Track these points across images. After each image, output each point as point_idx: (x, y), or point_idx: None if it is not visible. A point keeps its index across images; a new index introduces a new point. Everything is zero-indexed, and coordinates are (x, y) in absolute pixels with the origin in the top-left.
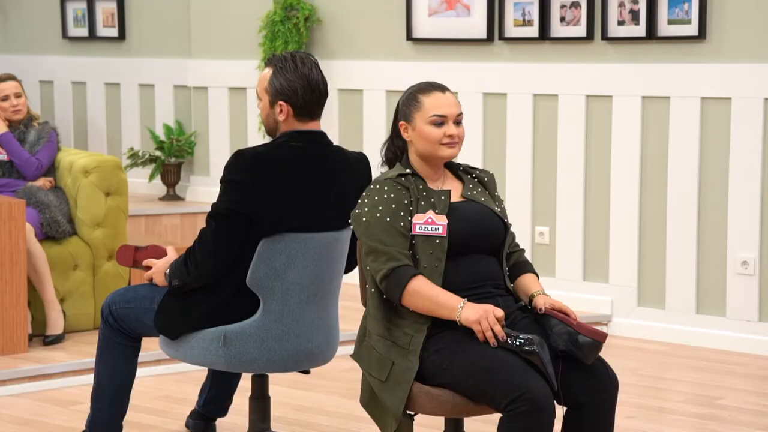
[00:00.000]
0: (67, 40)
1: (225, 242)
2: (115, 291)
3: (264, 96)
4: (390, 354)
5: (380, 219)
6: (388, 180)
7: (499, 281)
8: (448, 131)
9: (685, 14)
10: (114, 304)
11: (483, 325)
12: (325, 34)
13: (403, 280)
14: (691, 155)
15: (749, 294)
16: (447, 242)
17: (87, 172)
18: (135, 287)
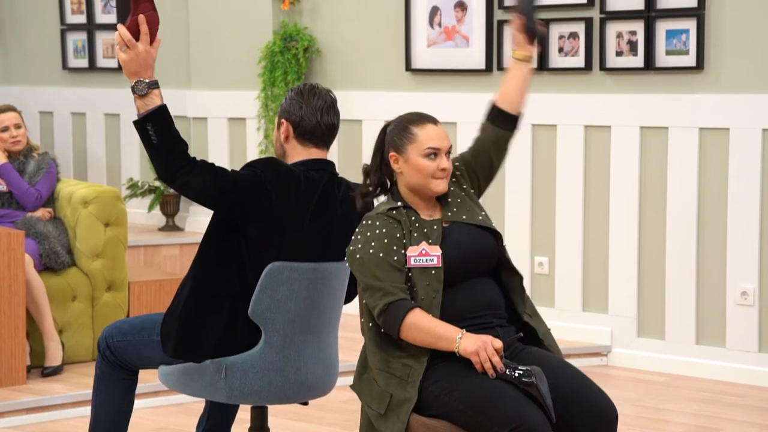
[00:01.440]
0: (67, 71)
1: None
2: (112, 324)
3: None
4: (389, 386)
5: (373, 255)
6: (380, 215)
7: (500, 309)
8: (441, 164)
9: (683, 45)
10: (111, 338)
11: (481, 356)
12: (324, 64)
13: (400, 314)
14: (690, 185)
15: (749, 325)
16: (443, 272)
17: (86, 202)
18: (131, 319)
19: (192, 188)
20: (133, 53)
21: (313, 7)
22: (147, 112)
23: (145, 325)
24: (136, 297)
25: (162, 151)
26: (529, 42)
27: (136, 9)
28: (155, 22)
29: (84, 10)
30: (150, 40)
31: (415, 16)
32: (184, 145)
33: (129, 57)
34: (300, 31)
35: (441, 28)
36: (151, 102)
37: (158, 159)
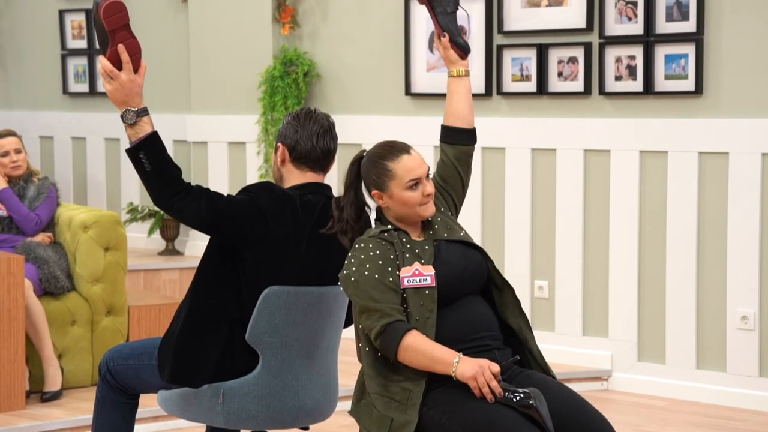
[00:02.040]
0: (68, 95)
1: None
2: (112, 348)
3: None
4: (388, 411)
5: (368, 276)
6: (372, 238)
7: (495, 330)
8: (425, 191)
9: (681, 70)
10: (111, 361)
11: (479, 381)
12: (324, 89)
13: (398, 335)
14: (690, 209)
15: (749, 349)
16: (436, 292)
17: (86, 227)
18: (132, 343)
19: (187, 214)
20: (117, 83)
21: (313, 32)
22: (138, 140)
23: (146, 349)
24: (136, 321)
25: (156, 178)
26: (462, 57)
27: (114, 39)
28: (136, 49)
29: (84, 35)
30: (134, 67)
31: (414, 40)
32: (178, 170)
33: (114, 87)
34: (300, 55)
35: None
36: (142, 130)
37: (152, 186)
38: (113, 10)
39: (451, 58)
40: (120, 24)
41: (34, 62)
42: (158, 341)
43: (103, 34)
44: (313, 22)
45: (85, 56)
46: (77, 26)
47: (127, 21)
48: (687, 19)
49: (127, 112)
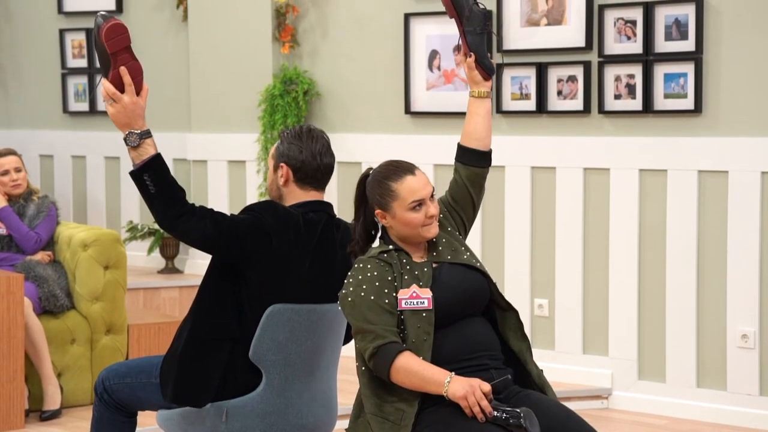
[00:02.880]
0: (68, 114)
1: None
2: (109, 366)
3: (270, 162)
4: (382, 430)
5: (365, 298)
6: (371, 258)
7: (494, 350)
8: (429, 212)
9: (681, 89)
10: (108, 380)
11: (470, 400)
12: (324, 107)
13: (390, 357)
14: (689, 228)
15: (750, 368)
16: (433, 314)
17: (86, 245)
18: (129, 362)
19: (192, 235)
20: (119, 106)
21: (313, 51)
22: (142, 162)
23: (143, 368)
24: (135, 340)
25: (160, 200)
26: (486, 78)
27: (116, 62)
28: (138, 71)
29: (85, 54)
30: (136, 89)
31: (414, 59)
32: (182, 191)
33: (116, 110)
34: (300, 74)
35: (440, 71)
36: (145, 152)
37: (157, 208)
38: (114, 32)
39: (475, 78)
40: (121, 46)
41: (35, 81)
42: (156, 359)
43: (104, 57)
44: (312, 41)
45: (86, 75)
46: (77, 45)
47: (129, 43)
48: (686, 39)
49: (131, 134)
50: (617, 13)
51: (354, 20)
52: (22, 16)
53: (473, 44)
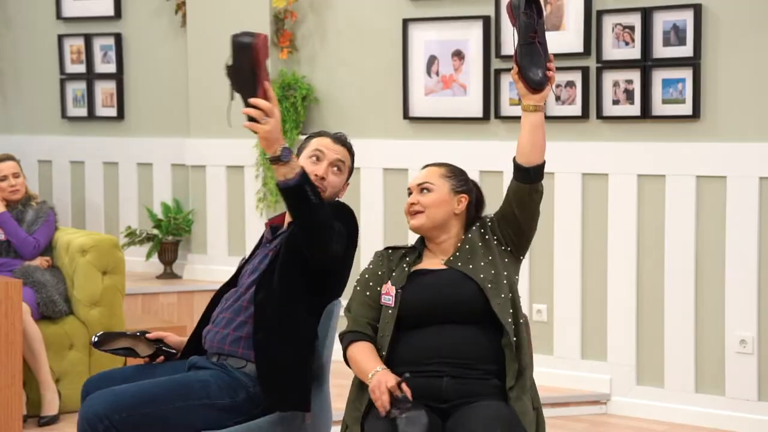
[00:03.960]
0: (66, 119)
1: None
2: (98, 398)
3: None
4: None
5: (356, 288)
6: (380, 251)
7: (460, 358)
8: (409, 201)
9: (679, 94)
10: (114, 414)
11: (375, 394)
12: (322, 113)
13: (345, 344)
14: (688, 233)
15: (748, 373)
16: (396, 313)
17: (84, 251)
18: (126, 389)
19: (335, 251)
20: (273, 121)
21: (311, 56)
22: (298, 175)
23: (171, 391)
24: None
25: (321, 210)
26: (531, 91)
27: (260, 77)
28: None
29: (83, 59)
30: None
31: (412, 64)
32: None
33: (271, 126)
34: (298, 79)
35: (438, 76)
36: (296, 165)
37: (321, 217)
38: (265, 44)
39: (522, 90)
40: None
41: (33, 87)
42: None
43: (246, 74)
44: (311, 47)
45: (84, 81)
46: (76, 51)
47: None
48: (684, 44)
49: (285, 150)
50: (615, 19)
51: (352, 26)
52: (21, 22)
53: (519, 56)
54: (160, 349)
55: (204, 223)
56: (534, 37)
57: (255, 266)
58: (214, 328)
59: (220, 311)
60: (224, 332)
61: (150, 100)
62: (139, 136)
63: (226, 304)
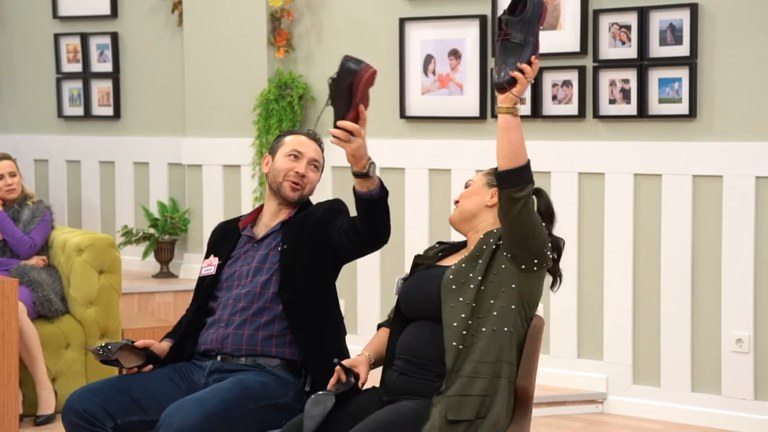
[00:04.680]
0: (63, 119)
1: None
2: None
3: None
4: None
5: None
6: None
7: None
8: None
9: (675, 93)
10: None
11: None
12: (318, 112)
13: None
14: (684, 232)
15: (744, 372)
16: (396, 305)
17: (80, 250)
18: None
19: None
20: (360, 140)
21: (308, 56)
22: (379, 187)
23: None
24: None
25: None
26: (499, 92)
27: (357, 100)
28: (367, 104)
29: (80, 59)
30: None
31: (409, 64)
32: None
33: (357, 145)
34: (295, 78)
35: (435, 75)
36: (376, 177)
37: (388, 223)
38: (371, 78)
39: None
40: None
41: (29, 86)
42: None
43: (345, 95)
44: (308, 46)
45: (80, 80)
46: (72, 50)
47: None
48: (680, 44)
49: (372, 165)
50: (612, 18)
51: (349, 25)
52: (17, 21)
53: (495, 53)
54: (150, 357)
55: (200, 223)
56: (502, 34)
57: (255, 266)
58: (233, 331)
59: (229, 314)
60: (249, 333)
61: (146, 99)
62: (136, 135)
63: (236, 307)
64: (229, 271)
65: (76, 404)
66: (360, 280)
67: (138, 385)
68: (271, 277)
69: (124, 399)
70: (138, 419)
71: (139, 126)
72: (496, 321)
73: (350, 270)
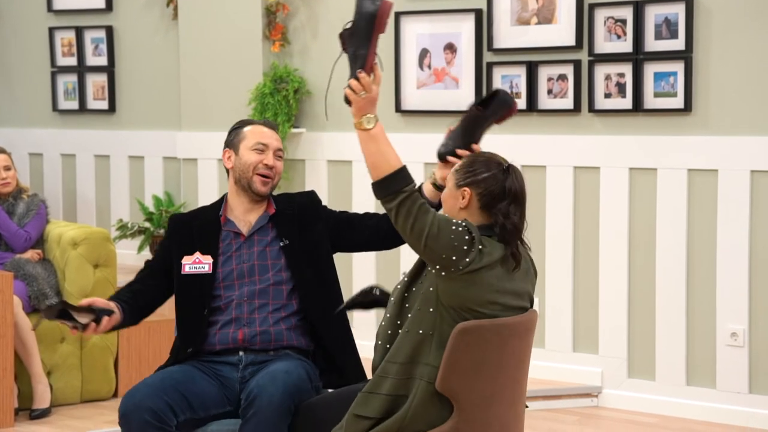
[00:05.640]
0: (57, 112)
1: None
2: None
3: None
4: None
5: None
6: None
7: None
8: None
9: (671, 87)
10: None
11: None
12: (314, 106)
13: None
14: (679, 226)
15: (739, 366)
16: None
17: (75, 244)
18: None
19: None
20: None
21: (304, 49)
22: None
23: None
24: (125, 339)
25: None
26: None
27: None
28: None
29: (74, 52)
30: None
31: (404, 57)
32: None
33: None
34: (290, 72)
35: (430, 69)
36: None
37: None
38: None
39: None
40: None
41: (24, 79)
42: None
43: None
44: (303, 40)
45: (75, 73)
46: (67, 43)
47: None
48: (676, 37)
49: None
50: (607, 12)
51: (344, 18)
52: (11, 14)
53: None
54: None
55: None
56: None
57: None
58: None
59: (248, 312)
60: (275, 329)
61: (141, 93)
62: (131, 129)
63: (253, 305)
64: (224, 270)
65: (148, 403)
66: (355, 275)
67: (184, 384)
68: (280, 272)
69: (180, 398)
70: (189, 417)
71: (135, 120)
72: (411, 323)
73: (346, 265)
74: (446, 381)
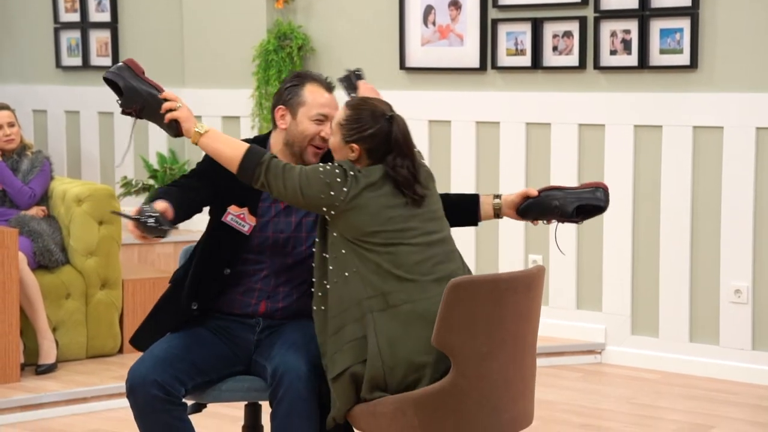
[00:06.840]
0: (61, 69)
1: None
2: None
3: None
4: None
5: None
6: None
7: None
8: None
9: (677, 44)
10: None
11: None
12: (318, 63)
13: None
14: (684, 184)
15: (742, 322)
16: None
17: (80, 200)
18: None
19: None
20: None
21: (308, 6)
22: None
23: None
24: (130, 295)
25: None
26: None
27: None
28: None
29: (78, 8)
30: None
31: (409, 14)
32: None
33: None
34: (294, 29)
35: (435, 26)
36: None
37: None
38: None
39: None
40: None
41: (27, 36)
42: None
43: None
44: None
45: (79, 30)
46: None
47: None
48: None
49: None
50: None
51: None
52: None
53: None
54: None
55: None
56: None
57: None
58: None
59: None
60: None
61: (145, 49)
62: None
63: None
64: (261, 236)
65: (154, 376)
66: None
67: (193, 350)
68: (313, 246)
69: (188, 366)
70: (201, 381)
71: None
72: (334, 273)
73: None
74: (441, 336)
